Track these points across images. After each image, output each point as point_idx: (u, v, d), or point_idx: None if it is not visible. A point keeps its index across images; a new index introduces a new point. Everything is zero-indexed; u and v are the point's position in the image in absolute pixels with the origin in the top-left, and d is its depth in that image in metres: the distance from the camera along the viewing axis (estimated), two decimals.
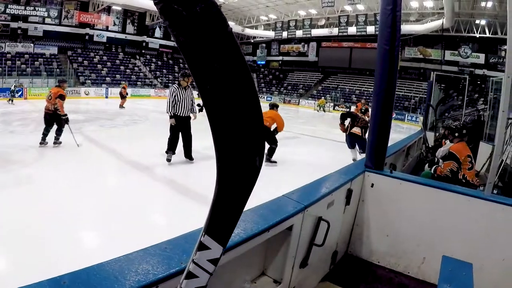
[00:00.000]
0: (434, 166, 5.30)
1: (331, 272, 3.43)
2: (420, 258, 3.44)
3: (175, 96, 8.18)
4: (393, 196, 3.57)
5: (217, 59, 0.76)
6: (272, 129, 9.40)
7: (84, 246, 4.76)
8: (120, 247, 2.10)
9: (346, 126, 9.48)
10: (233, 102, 0.77)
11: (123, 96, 23.06)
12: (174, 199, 6.58)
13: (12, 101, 22.55)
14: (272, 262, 2.47)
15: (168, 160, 8.43)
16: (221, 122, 0.77)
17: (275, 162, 9.42)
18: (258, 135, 0.73)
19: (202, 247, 0.89)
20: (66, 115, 9.64)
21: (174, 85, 8.51)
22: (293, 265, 2.53)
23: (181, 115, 8.25)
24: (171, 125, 8.34)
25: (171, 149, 8.49)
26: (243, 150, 0.74)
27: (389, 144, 3.85)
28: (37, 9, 30.93)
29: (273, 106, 9.83)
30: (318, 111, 33.14)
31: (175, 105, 8.17)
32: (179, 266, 1.47)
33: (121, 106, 22.30)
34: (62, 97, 9.51)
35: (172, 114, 8.20)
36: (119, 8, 37.75)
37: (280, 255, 2.44)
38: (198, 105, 7.36)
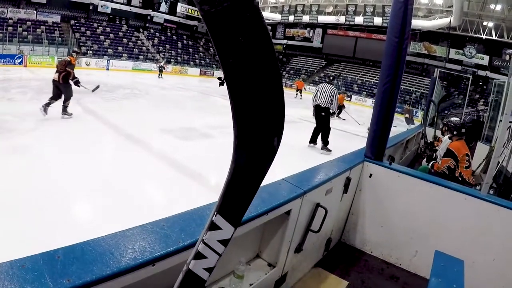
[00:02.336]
0: (432, 162, 5.30)
1: (324, 259, 3.44)
2: (413, 251, 3.46)
3: None
4: (390, 187, 3.57)
5: (242, 32, 0.72)
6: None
7: (79, 219, 4.74)
8: (115, 222, 2.09)
9: None
10: (255, 78, 0.74)
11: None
12: (170, 175, 6.56)
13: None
14: (268, 246, 2.47)
15: None
16: (243, 99, 0.74)
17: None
18: (279, 115, 0.70)
19: (213, 227, 0.85)
20: (76, 77, 10.06)
21: None
22: (288, 249, 2.53)
23: None
24: None
25: None
26: (263, 129, 0.73)
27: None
28: None
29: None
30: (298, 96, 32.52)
31: None
32: (177, 244, 1.45)
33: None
34: (71, 66, 9.89)
35: None
36: None
37: (276, 239, 2.44)
38: (219, 78, 7.01)
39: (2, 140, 7.16)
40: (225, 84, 0.73)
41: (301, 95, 29.88)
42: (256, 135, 0.76)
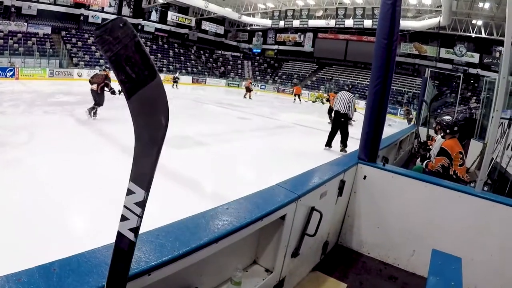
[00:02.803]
0: (426, 161, 5.32)
1: (322, 262, 3.44)
2: (410, 251, 3.47)
3: None
4: (385, 188, 3.58)
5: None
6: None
7: (74, 231, 4.72)
8: (110, 233, 2.08)
9: None
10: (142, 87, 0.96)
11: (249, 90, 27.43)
12: (165, 184, 6.52)
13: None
14: (264, 251, 2.47)
15: None
16: (137, 100, 0.96)
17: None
18: (163, 103, 0.93)
19: (129, 192, 1.00)
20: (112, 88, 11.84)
21: None
22: (285, 254, 2.53)
23: None
24: None
25: None
26: (153, 113, 0.93)
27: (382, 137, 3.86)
28: None
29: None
30: (314, 101, 32.54)
31: None
32: (172, 254, 1.45)
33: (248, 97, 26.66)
34: (108, 79, 11.99)
35: None
36: None
37: (272, 244, 2.43)
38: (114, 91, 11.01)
39: None
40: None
41: (300, 100, 30.15)
42: (148, 119, 0.95)
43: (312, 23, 37.19)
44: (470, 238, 3.15)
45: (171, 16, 40.99)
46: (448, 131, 4.94)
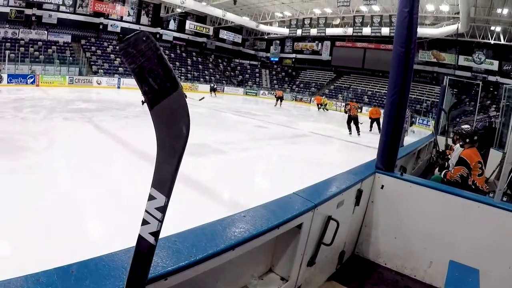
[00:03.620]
0: (444, 171, 5.25)
1: (338, 272, 3.41)
2: (427, 262, 3.42)
3: None
4: (403, 198, 3.54)
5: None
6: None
7: (91, 236, 4.79)
8: (128, 237, 2.10)
9: None
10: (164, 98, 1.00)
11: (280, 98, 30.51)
12: (182, 191, 6.56)
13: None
14: (280, 260, 2.46)
15: None
16: (159, 111, 0.99)
17: None
18: (184, 113, 0.98)
19: (150, 198, 1.03)
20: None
21: None
22: (301, 263, 2.51)
23: None
24: None
25: None
26: (174, 123, 0.98)
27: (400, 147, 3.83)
28: None
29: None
30: (320, 109, 32.33)
31: None
32: (189, 259, 1.47)
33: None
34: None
35: None
36: None
37: (288, 252, 2.43)
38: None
39: (17, 159, 7.28)
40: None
41: (324, 109, 30.63)
42: (170, 128, 1.00)
43: (330, 31, 37.07)
44: (488, 249, 3.09)
45: (189, 25, 41.32)
46: (467, 140, 4.87)
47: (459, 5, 24.17)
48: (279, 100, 30.99)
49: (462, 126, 5.25)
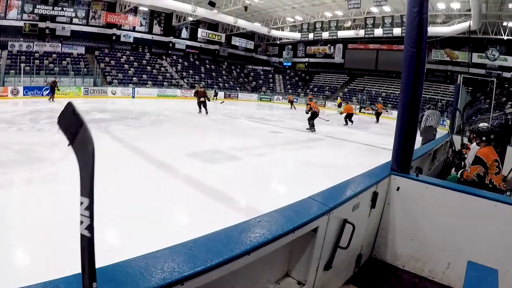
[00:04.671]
0: (461, 170, 5.19)
1: (355, 275, 3.39)
2: (445, 263, 3.38)
3: None
4: (419, 199, 3.51)
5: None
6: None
7: (108, 243, 4.82)
8: (145, 244, 2.13)
9: None
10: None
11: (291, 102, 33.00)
12: (198, 197, 6.61)
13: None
14: (297, 264, 2.46)
15: None
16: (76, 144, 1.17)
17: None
18: (89, 138, 1.14)
19: (80, 204, 1.14)
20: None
21: None
22: (317, 267, 2.51)
23: None
24: None
25: None
26: (84, 146, 1.13)
27: (415, 147, 3.80)
28: (64, 10, 31.47)
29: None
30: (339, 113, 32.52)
31: None
32: (205, 264, 1.48)
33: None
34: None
35: None
36: (146, 9, 38.25)
37: (304, 256, 2.43)
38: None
39: (34, 170, 7.39)
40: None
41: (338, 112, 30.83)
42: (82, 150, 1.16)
43: (341, 34, 36.93)
44: (507, 249, 3.04)
45: (201, 33, 41.56)
46: (483, 138, 4.82)
47: (470, 2, 23.89)
48: (291, 103, 33.47)
49: (479, 124, 5.19)
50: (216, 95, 36.03)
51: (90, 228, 1.14)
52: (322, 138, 14.94)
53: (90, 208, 1.14)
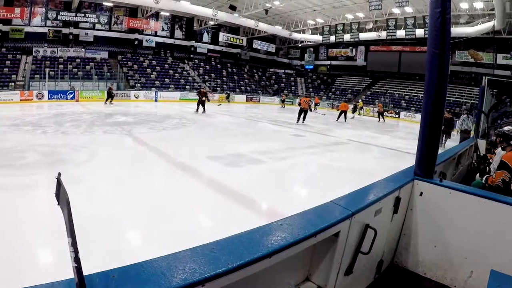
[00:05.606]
0: (486, 176, 5.08)
1: (376, 282, 3.35)
2: (468, 272, 3.30)
3: None
4: (442, 205, 3.45)
5: None
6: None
7: (131, 243, 4.89)
8: (167, 245, 2.15)
9: None
10: None
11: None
12: (220, 200, 6.62)
13: None
14: (317, 268, 2.44)
15: None
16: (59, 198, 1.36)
17: None
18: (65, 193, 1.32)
19: (68, 244, 1.20)
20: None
21: None
22: (338, 272, 2.49)
23: None
24: None
25: None
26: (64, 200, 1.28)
27: (439, 152, 3.74)
28: (87, 16, 32.27)
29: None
30: (360, 114, 32.58)
31: None
32: (226, 266, 1.48)
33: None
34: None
35: None
36: (167, 14, 38.74)
37: (325, 261, 2.41)
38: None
39: (60, 171, 7.47)
40: None
41: (359, 113, 31.47)
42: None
43: (363, 36, 36.67)
44: None
45: (223, 36, 41.86)
46: (511, 142, 4.71)
47: (493, 1, 23.44)
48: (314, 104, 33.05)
49: (504, 128, 5.07)
50: (228, 97, 36.82)
51: (77, 260, 1.19)
52: (345, 142, 14.84)
53: (74, 244, 1.20)
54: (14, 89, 25.36)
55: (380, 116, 28.64)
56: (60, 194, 1.35)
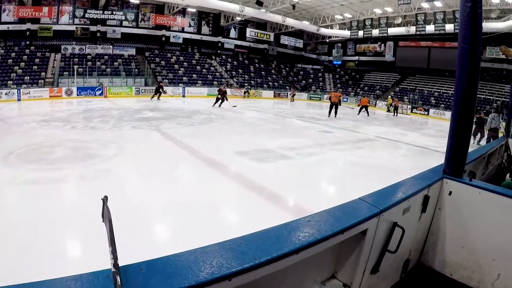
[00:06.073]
0: None
1: (402, 281, 3.31)
2: (495, 274, 3.22)
3: None
4: (471, 205, 3.37)
5: None
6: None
7: (159, 237, 4.97)
8: (195, 239, 2.17)
9: None
10: None
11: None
12: (248, 195, 6.66)
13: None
14: (343, 266, 2.43)
15: None
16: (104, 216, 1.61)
17: None
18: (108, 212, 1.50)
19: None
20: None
21: None
22: (364, 270, 2.47)
23: None
24: None
25: None
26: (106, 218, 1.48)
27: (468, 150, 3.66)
28: (114, 13, 32.77)
29: None
30: (389, 111, 32.21)
31: None
32: (253, 261, 1.49)
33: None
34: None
35: None
36: (194, 10, 38.88)
37: (352, 259, 2.39)
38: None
39: (88, 165, 7.69)
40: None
41: (390, 110, 31.26)
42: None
43: (392, 31, 36.00)
44: None
45: (250, 32, 41.79)
46: None
47: None
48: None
49: None
50: (246, 92, 36.66)
51: (115, 266, 1.22)
52: (373, 139, 14.67)
53: (114, 253, 1.27)
54: (44, 86, 25.95)
55: (395, 111, 29.79)
56: (104, 213, 1.49)
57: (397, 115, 29.27)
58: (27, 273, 3.53)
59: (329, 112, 21.67)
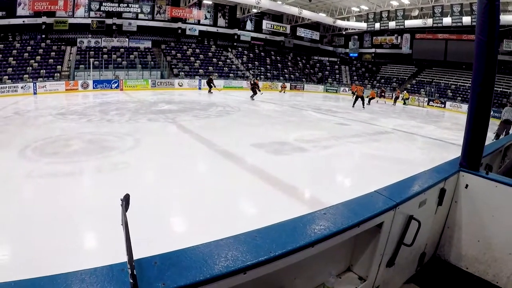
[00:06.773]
0: None
1: (417, 274, 3.30)
2: (511, 268, 3.21)
3: None
4: (488, 199, 3.34)
5: None
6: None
7: (174, 230, 5.01)
8: (210, 232, 2.19)
9: None
10: None
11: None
12: (264, 188, 6.66)
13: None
14: (359, 259, 2.42)
15: None
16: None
17: None
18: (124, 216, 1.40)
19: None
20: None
21: None
22: (380, 263, 2.46)
23: None
24: None
25: None
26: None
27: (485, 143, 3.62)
28: (130, 6, 33.03)
29: None
30: (406, 104, 32.05)
31: None
32: (268, 255, 1.49)
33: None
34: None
35: None
36: (210, 2, 38.92)
37: (367, 252, 2.38)
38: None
39: (105, 158, 7.77)
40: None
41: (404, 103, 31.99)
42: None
43: (409, 23, 35.58)
44: None
45: (266, 24, 41.63)
46: None
47: None
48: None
49: None
50: (283, 88, 36.57)
51: (133, 276, 1.20)
52: (390, 131, 14.56)
53: (130, 262, 1.24)
54: (60, 80, 26.22)
55: (395, 101, 31.63)
56: (123, 216, 1.42)
57: (395, 104, 30.98)
58: (43, 266, 3.59)
59: (353, 103, 23.42)
